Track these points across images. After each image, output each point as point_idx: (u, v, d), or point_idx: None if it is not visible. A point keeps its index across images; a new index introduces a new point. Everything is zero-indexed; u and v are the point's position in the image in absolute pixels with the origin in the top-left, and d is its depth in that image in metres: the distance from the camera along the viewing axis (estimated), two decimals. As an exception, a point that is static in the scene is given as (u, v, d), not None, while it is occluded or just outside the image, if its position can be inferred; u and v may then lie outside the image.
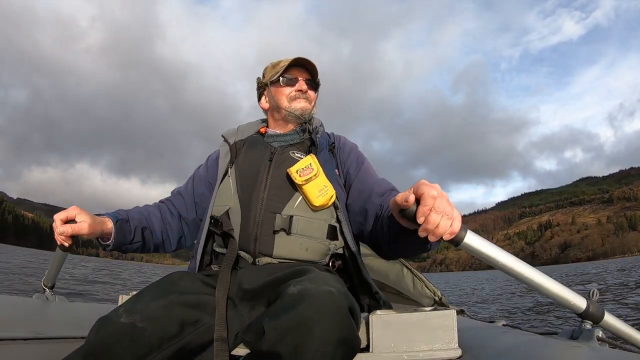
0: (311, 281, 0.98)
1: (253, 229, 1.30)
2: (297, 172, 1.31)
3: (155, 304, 1.03)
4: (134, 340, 0.95)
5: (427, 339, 1.08)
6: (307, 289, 0.94)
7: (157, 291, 1.09)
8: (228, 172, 1.46)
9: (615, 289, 9.92)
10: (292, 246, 1.29)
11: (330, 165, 1.44)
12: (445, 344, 1.08)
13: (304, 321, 0.87)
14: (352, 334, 0.93)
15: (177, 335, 1.01)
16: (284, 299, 0.96)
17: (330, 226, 1.34)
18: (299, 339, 0.85)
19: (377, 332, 1.09)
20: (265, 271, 1.19)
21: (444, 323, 1.09)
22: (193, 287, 1.14)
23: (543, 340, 1.03)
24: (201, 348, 1.05)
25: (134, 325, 0.97)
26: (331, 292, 0.93)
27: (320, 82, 1.59)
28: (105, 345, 0.94)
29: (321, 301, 0.90)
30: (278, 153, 1.43)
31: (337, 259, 1.38)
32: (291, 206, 1.32)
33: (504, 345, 1.07)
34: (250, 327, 0.98)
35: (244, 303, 1.14)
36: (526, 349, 0.99)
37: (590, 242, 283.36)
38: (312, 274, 1.04)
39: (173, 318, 1.02)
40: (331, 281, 1.01)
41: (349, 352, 0.92)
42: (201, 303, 1.09)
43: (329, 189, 1.32)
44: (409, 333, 1.08)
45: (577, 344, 0.98)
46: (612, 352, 0.89)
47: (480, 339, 1.17)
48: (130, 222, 1.42)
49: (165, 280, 1.15)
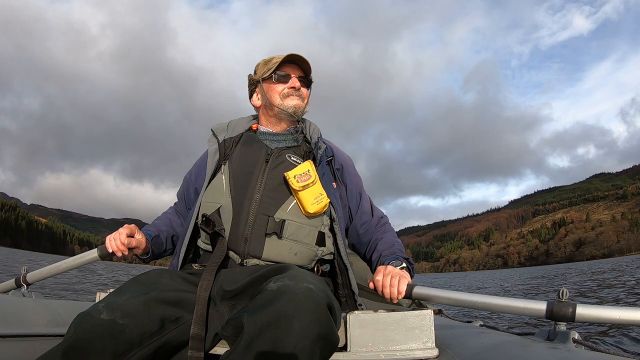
0: (291, 278, 1.01)
1: (244, 230, 1.30)
2: (294, 177, 1.32)
3: (135, 300, 1.04)
4: (114, 337, 0.96)
5: (404, 338, 1.09)
6: (286, 285, 0.97)
7: (138, 288, 1.10)
8: (221, 169, 1.46)
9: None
10: (282, 250, 1.30)
11: (328, 178, 1.45)
12: (422, 344, 1.09)
13: (283, 316, 0.89)
14: (330, 330, 0.95)
15: (158, 333, 1.03)
16: (263, 294, 0.98)
17: (319, 233, 1.36)
18: (278, 334, 0.87)
19: (354, 332, 1.10)
20: (248, 271, 1.21)
21: (421, 323, 1.10)
22: (173, 284, 1.16)
23: (519, 341, 1.04)
24: (181, 345, 1.07)
25: (115, 322, 0.98)
26: (310, 289, 0.96)
27: (314, 79, 1.57)
28: (85, 342, 0.95)
29: (300, 297, 0.93)
30: (274, 155, 1.43)
31: (322, 264, 1.41)
32: (284, 210, 1.33)
33: (481, 345, 1.08)
34: (229, 322, 1.00)
35: (225, 302, 1.15)
36: (503, 349, 1.00)
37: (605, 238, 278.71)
38: (293, 271, 1.06)
39: (153, 315, 1.03)
40: (311, 278, 1.03)
41: (328, 348, 0.94)
42: (181, 301, 1.11)
43: (324, 198, 1.34)
44: (386, 332, 1.10)
45: (552, 345, 0.99)
46: (587, 353, 0.90)
47: (458, 339, 1.19)
48: (161, 235, 1.53)
49: (145, 277, 1.16)
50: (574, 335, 0.98)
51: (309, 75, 1.56)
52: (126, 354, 0.97)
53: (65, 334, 0.98)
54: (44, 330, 1.44)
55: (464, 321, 1.58)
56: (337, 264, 1.39)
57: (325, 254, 1.38)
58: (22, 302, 1.54)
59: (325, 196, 1.34)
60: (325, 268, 1.42)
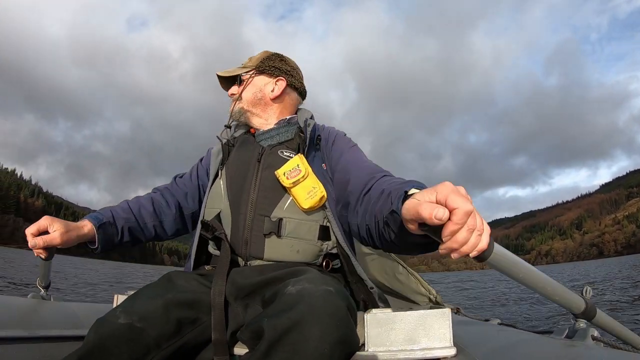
0: (309, 281, 0.98)
1: (243, 233, 1.28)
2: (284, 174, 1.28)
3: (152, 303, 1.03)
4: (132, 341, 0.96)
5: (422, 337, 1.09)
6: (305, 289, 0.95)
7: (154, 291, 1.09)
8: (219, 174, 1.45)
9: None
10: (283, 249, 1.27)
11: (318, 161, 1.40)
12: (440, 342, 1.08)
13: (303, 321, 0.87)
14: (351, 334, 0.93)
15: (176, 335, 1.02)
16: (282, 299, 0.95)
17: (321, 227, 1.31)
18: (298, 339, 0.85)
19: (372, 331, 1.10)
20: (258, 270, 1.20)
21: (439, 321, 1.09)
22: (189, 286, 1.15)
23: (538, 339, 1.02)
24: (200, 347, 1.07)
25: (132, 326, 0.97)
26: (330, 292, 0.94)
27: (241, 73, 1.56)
28: (103, 347, 0.94)
29: (320, 301, 0.91)
30: (266, 153, 1.39)
31: (331, 258, 1.35)
32: (281, 208, 1.30)
33: (499, 343, 1.06)
34: (249, 327, 0.98)
35: (238, 301, 1.14)
36: (521, 348, 0.98)
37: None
38: (310, 274, 1.04)
39: (171, 318, 1.03)
40: (329, 281, 1.01)
41: (348, 352, 0.93)
42: (198, 302, 1.10)
43: (318, 190, 1.29)
44: (404, 331, 1.09)
45: (572, 342, 0.97)
46: (607, 350, 0.89)
47: (475, 337, 1.17)
48: (117, 223, 1.42)
49: (161, 280, 1.16)
50: (592, 333, 0.96)
51: (232, 75, 1.57)
52: (144, 358, 0.96)
53: (84, 339, 0.98)
54: (63, 333, 1.43)
55: (481, 319, 1.53)
56: (339, 251, 1.32)
57: (332, 248, 1.33)
58: (40, 305, 1.54)
59: (320, 188, 1.29)
60: (336, 264, 1.36)
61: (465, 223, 0.72)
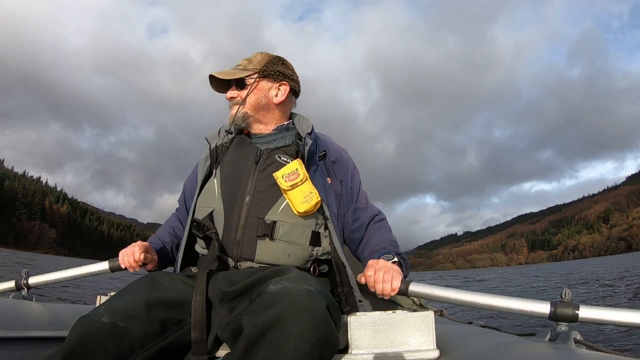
0: (291, 280, 1.01)
1: (236, 233, 1.29)
2: (282, 177, 1.30)
3: (136, 303, 1.04)
4: (115, 340, 0.96)
5: (405, 339, 1.09)
6: (286, 288, 0.97)
7: (138, 290, 1.10)
8: (213, 173, 1.45)
9: None
10: (275, 252, 1.28)
11: (320, 174, 1.41)
12: (423, 345, 1.09)
13: (283, 319, 0.89)
14: (330, 333, 0.94)
15: (160, 335, 1.03)
16: (263, 297, 0.98)
17: (313, 232, 1.33)
18: (277, 337, 0.87)
19: (356, 333, 1.12)
20: (246, 274, 1.21)
21: (423, 324, 1.10)
22: (174, 286, 1.16)
23: (520, 342, 1.03)
24: (184, 348, 1.08)
25: (116, 325, 0.98)
26: (310, 291, 0.96)
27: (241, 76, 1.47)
28: (86, 345, 0.95)
29: (300, 300, 0.93)
30: (264, 156, 1.40)
31: (319, 264, 1.38)
32: (275, 211, 1.31)
33: (482, 345, 1.06)
34: (229, 325, 1.00)
35: (224, 304, 1.15)
36: (503, 350, 0.99)
37: None
38: (292, 274, 1.06)
39: (155, 318, 1.03)
40: (311, 281, 1.04)
41: (328, 351, 0.94)
42: (182, 303, 1.11)
43: (314, 196, 1.30)
44: (387, 334, 1.10)
45: (554, 345, 0.99)
46: (589, 353, 0.90)
47: (459, 340, 1.18)
48: (166, 246, 1.53)
49: (145, 280, 1.17)
50: (575, 336, 0.97)
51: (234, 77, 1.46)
52: (128, 357, 0.97)
53: (66, 337, 0.98)
54: (45, 334, 1.43)
55: (465, 322, 1.52)
56: (335, 262, 1.35)
57: (322, 254, 1.36)
58: (22, 305, 1.53)
59: (315, 194, 1.31)
60: (323, 269, 1.39)
61: (373, 280, 1.20)
